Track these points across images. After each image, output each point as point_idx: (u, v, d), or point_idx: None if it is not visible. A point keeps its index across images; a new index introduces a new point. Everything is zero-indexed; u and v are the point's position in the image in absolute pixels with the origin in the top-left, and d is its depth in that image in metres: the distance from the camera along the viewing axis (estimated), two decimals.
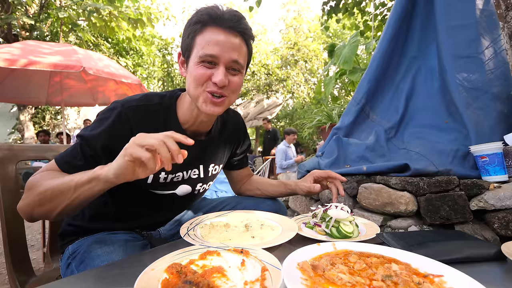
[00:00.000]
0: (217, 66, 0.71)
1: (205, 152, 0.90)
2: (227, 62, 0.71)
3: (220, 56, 0.70)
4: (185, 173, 0.86)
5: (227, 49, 0.70)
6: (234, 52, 0.72)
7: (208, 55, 0.69)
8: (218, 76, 0.70)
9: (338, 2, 4.52)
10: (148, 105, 0.77)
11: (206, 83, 0.72)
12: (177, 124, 0.81)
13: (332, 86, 2.99)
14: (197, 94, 0.73)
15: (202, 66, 0.71)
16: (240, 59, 0.73)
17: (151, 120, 0.76)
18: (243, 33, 0.73)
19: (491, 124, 1.31)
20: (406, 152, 1.43)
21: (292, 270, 0.44)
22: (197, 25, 0.71)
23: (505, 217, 0.95)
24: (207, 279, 0.42)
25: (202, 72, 0.71)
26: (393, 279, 0.42)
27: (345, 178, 0.98)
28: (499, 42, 1.45)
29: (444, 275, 0.44)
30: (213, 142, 0.92)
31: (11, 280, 0.88)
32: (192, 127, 0.84)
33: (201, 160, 0.90)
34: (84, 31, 7.20)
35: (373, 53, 1.87)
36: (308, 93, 12.14)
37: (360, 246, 0.57)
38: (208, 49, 0.69)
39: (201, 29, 0.71)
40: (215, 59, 0.70)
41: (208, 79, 0.71)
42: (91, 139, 0.70)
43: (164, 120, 0.79)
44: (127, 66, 9.04)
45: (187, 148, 0.75)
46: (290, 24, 14.11)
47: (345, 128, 1.80)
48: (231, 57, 0.71)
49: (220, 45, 0.70)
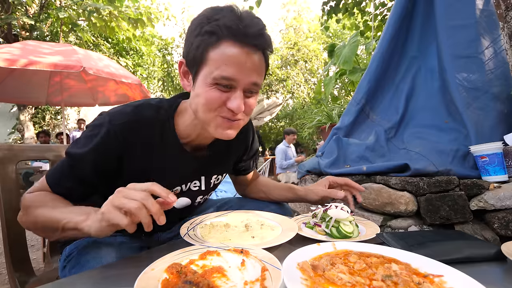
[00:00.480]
0: (234, 90, 0.62)
1: (207, 165, 0.83)
2: (246, 86, 0.62)
3: (239, 80, 0.60)
4: (183, 186, 0.80)
5: (248, 71, 0.60)
6: (254, 74, 0.62)
7: (225, 77, 0.59)
8: (235, 102, 0.61)
9: (338, 2, 4.52)
10: (140, 120, 0.68)
11: (220, 108, 0.63)
12: (175, 139, 0.73)
13: (332, 86, 2.99)
14: (208, 119, 0.64)
15: (216, 88, 0.61)
16: (259, 80, 0.64)
17: (144, 136, 0.69)
18: (265, 48, 0.63)
19: (491, 124, 1.31)
20: (406, 152, 1.43)
21: (292, 270, 0.44)
22: (211, 38, 0.59)
23: (505, 217, 0.95)
24: (207, 279, 0.42)
25: (216, 96, 0.61)
26: (393, 279, 0.42)
27: (363, 188, 0.95)
28: (499, 42, 1.45)
29: (444, 275, 0.44)
30: (216, 153, 0.84)
31: (11, 280, 0.88)
32: (193, 142, 0.77)
33: (203, 172, 0.83)
34: (84, 31, 7.19)
35: (373, 53, 1.87)
36: (308, 93, 12.13)
37: (360, 246, 0.57)
38: (225, 71, 0.59)
39: (216, 42, 0.59)
40: (233, 82, 0.60)
41: (223, 104, 0.62)
42: (78, 159, 0.65)
43: (160, 135, 0.71)
44: (127, 66, 9.04)
45: (186, 162, 0.76)
46: (290, 24, 14.10)
47: (345, 128, 1.80)
48: (251, 81, 0.62)
49: (240, 66, 0.59)
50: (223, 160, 0.88)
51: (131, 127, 0.67)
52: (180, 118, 0.74)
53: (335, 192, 0.91)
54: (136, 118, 0.68)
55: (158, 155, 0.71)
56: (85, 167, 0.66)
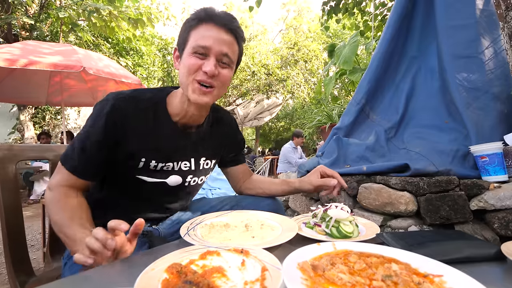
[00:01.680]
0: (208, 57, 0.76)
1: (196, 145, 0.93)
2: (217, 54, 0.76)
3: (211, 48, 0.75)
4: (175, 164, 0.88)
5: (219, 43, 0.76)
6: (225, 46, 0.77)
7: (200, 46, 0.74)
8: (208, 66, 0.75)
9: (338, 2, 4.51)
10: (139, 97, 0.82)
11: (196, 72, 0.76)
12: (166, 117, 0.85)
13: (332, 86, 2.99)
14: (187, 82, 0.77)
15: (194, 56, 0.75)
16: (230, 53, 0.78)
17: (141, 112, 0.81)
18: (235, 31, 0.79)
19: (491, 124, 1.31)
20: (406, 152, 1.43)
21: (292, 270, 0.44)
22: (193, 21, 0.77)
23: (505, 217, 0.95)
24: (207, 279, 0.42)
25: (193, 61, 0.75)
26: (393, 279, 0.42)
27: (347, 185, 0.99)
28: (499, 42, 1.45)
29: (444, 275, 0.44)
30: (204, 137, 0.95)
31: (11, 280, 0.88)
32: (183, 120, 0.87)
33: (192, 153, 0.92)
34: (84, 31, 7.19)
35: (373, 53, 1.87)
36: (308, 93, 12.13)
37: (360, 246, 0.57)
38: (201, 41, 0.75)
39: (197, 24, 0.77)
40: (207, 50, 0.75)
41: (199, 68, 0.76)
42: (92, 134, 0.76)
43: (154, 112, 0.83)
44: (127, 66, 9.03)
45: (177, 137, 0.87)
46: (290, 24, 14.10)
47: (345, 128, 1.80)
48: (222, 50, 0.76)
49: (213, 38, 0.75)
50: (210, 144, 0.98)
51: (133, 101, 0.80)
52: (171, 100, 0.87)
53: (328, 181, 0.96)
54: (134, 94, 0.82)
55: (152, 129, 0.83)
56: (95, 136, 0.76)
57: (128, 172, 0.83)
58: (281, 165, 5.08)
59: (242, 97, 12.19)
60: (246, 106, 10.09)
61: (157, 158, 0.83)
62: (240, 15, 12.46)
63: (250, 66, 11.38)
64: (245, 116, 9.64)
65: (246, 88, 11.72)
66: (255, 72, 11.34)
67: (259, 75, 11.38)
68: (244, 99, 11.68)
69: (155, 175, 0.85)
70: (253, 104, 9.92)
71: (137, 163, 0.81)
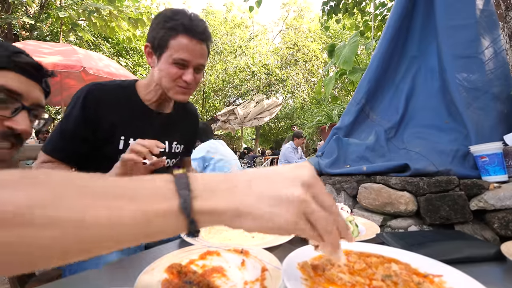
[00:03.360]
0: (187, 68, 0.90)
1: (169, 128, 1.06)
2: (195, 66, 0.91)
3: (191, 61, 0.89)
4: None
5: (196, 56, 0.89)
6: (200, 58, 0.91)
7: (181, 59, 0.87)
8: (188, 76, 0.90)
9: (338, 2, 4.51)
10: (108, 83, 0.96)
11: (177, 79, 0.90)
12: (138, 99, 0.99)
13: (332, 86, 2.98)
14: (169, 87, 0.92)
15: (175, 66, 0.89)
16: (204, 62, 0.94)
17: (115, 96, 0.94)
18: (206, 40, 0.92)
19: (491, 124, 1.31)
20: (406, 152, 1.43)
21: (292, 270, 0.44)
22: (172, 31, 0.87)
23: (505, 217, 0.95)
24: (207, 279, 0.42)
25: (175, 71, 0.89)
26: (393, 279, 0.42)
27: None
28: (499, 42, 1.45)
29: (443, 275, 0.44)
30: (175, 121, 1.08)
31: (11, 280, 0.88)
32: (154, 104, 1.01)
33: (166, 135, 1.05)
34: (84, 31, 7.19)
35: (373, 53, 1.87)
36: (308, 93, 12.13)
37: (360, 246, 0.57)
38: (181, 54, 0.87)
39: (175, 35, 0.87)
40: (186, 62, 0.89)
41: (179, 77, 0.90)
42: (71, 118, 0.88)
43: (125, 95, 0.97)
44: (127, 66, 9.03)
45: (150, 117, 1.00)
46: (290, 24, 14.11)
47: (345, 128, 1.80)
48: (199, 62, 0.91)
49: (191, 52, 0.88)
50: (180, 130, 1.11)
51: (106, 87, 0.94)
52: (140, 85, 1.00)
53: None
54: (106, 82, 0.96)
55: (126, 108, 0.95)
56: (73, 123, 0.87)
57: (110, 155, 0.90)
58: (281, 165, 5.08)
59: (242, 97, 12.20)
60: (246, 106, 10.08)
61: (134, 136, 0.94)
62: (240, 15, 12.45)
63: (250, 66, 11.38)
64: (245, 116, 9.63)
65: (246, 88, 11.72)
66: (255, 72, 11.34)
67: (259, 75, 11.38)
68: (244, 99, 11.69)
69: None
70: (253, 104, 9.91)
71: (117, 143, 0.92)
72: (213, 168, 2.50)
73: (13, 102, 0.59)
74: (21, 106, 0.60)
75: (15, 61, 0.60)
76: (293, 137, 5.19)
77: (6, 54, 0.59)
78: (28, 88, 0.62)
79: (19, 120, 0.59)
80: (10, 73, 0.59)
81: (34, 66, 0.64)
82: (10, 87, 0.58)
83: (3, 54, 0.59)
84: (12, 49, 0.61)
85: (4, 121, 0.58)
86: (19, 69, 0.60)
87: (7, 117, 0.58)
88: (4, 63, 0.58)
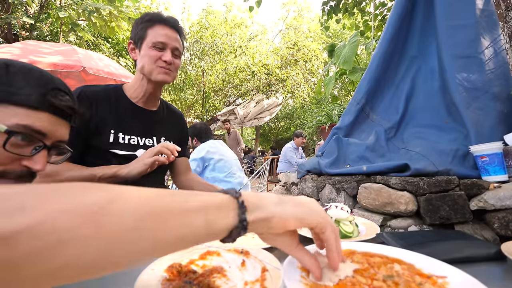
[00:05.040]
0: (165, 50, 1.00)
1: (156, 125, 1.13)
2: (171, 48, 1.01)
3: (167, 43, 1.00)
4: (139, 139, 1.07)
5: (172, 40, 1.01)
6: (176, 42, 1.03)
7: (159, 41, 0.99)
8: (167, 56, 1.00)
9: (338, 2, 4.51)
10: (101, 87, 1.05)
11: (158, 61, 1.00)
12: (126, 98, 1.07)
13: (332, 86, 2.98)
14: (152, 69, 1.00)
15: (154, 49, 0.99)
16: (179, 47, 1.04)
17: (106, 97, 1.03)
18: (179, 30, 1.06)
19: (491, 124, 1.31)
20: (406, 152, 1.43)
21: (292, 270, 0.44)
22: (148, 22, 1.01)
23: (505, 217, 0.95)
24: (207, 279, 0.42)
25: (155, 53, 0.99)
26: (394, 279, 0.42)
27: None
28: (499, 42, 1.45)
29: (448, 276, 0.43)
30: (161, 119, 1.16)
31: None
32: (141, 100, 1.09)
33: (153, 131, 1.12)
34: (84, 31, 7.18)
35: (373, 53, 1.87)
36: (308, 93, 12.13)
37: (364, 246, 0.56)
38: (158, 38, 0.99)
39: (152, 25, 1.00)
40: (164, 45, 1.00)
41: (159, 58, 1.00)
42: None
43: (115, 95, 1.05)
44: (127, 66, 9.03)
45: (139, 114, 1.08)
46: (290, 24, 14.11)
47: (345, 128, 1.80)
48: (174, 45, 1.02)
49: (167, 36, 1.00)
50: (167, 127, 1.18)
51: (97, 90, 1.03)
52: (127, 87, 1.10)
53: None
54: (95, 87, 1.04)
55: (116, 106, 1.03)
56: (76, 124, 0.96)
57: (101, 147, 0.97)
58: (281, 165, 5.08)
59: (242, 97, 12.19)
60: (246, 106, 10.08)
61: (124, 130, 1.02)
62: (240, 15, 12.45)
63: (250, 66, 11.38)
64: (245, 116, 9.63)
65: (246, 88, 11.72)
66: (255, 72, 11.34)
67: (259, 75, 11.38)
68: (244, 99, 11.69)
69: (125, 148, 1.01)
70: (253, 104, 9.92)
71: (107, 137, 0.99)
72: (213, 168, 2.50)
73: (35, 141, 0.55)
74: (43, 145, 0.56)
75: (50, 102, 0.55)
76: (293, 137, 5.19)
77: (42, 92, 0.54)
78: (55, 128, 0.58)
79: (37, 160, 0.55)
80: (40, 113, 0.54)
81: (69, 107, 0.59)
82: (36, 128, 0.54)
83: (40, 93, 0.54)
84: (50, 86, 0.56)
85: (22, 160, 0.55)
86: (52, 109, 0.56)
87: (26, 156, 0.54)
88: (37, 103, 0.54)
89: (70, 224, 0.23)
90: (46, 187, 0.25)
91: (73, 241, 0.23)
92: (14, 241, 0.20)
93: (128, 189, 0.28)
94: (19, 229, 0.21)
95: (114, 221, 0.25)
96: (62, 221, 0.23)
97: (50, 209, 0.23)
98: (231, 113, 9.60)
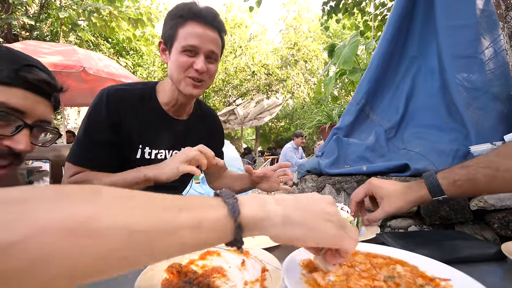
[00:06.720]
0: (198, 56, 0.84)
1: (186, 135, 1.02)
2: (206, 52, 0.84)
3: (200, 47, 0.83)
4: (167, 152, 0.97)
5: (206, 41, 0.83)
6: (212, 44, 0.85)
7: (190, 45, 0.82)
8: (199, 64, 0.83)
9: (338, 2, 4.51)
10: (131, 89, 0.91)
11: (188, 69, 0.84)
12: (157, 105, 0.94)
13: (332, 86, 2.98)
14: (180, 78, 0.85)
15: (184, 54, 0.83)
16: (216, 49, 0.86)
17: (135, 101, 0.90)
18: (218, 27, 0.86)
19: (491, 124, 1.31)
20: (406, 152, 1.43)
21: (293, 270, 0.44)
22: (179, 19, 0.83)
23: (505, 217, 0.95)
24: (207, 279, 0.42)
25: (185, 60, 0.83)
26: (395, 280, 0.42)
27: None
28: (499, 42, 1.45)
29: (451, 279, 0.43)
30: (193, 126, 1.04)
31: None
32: (173, 109, 0.96)
33: (184, 143, 1.00)
34: (84, 31, 7.19)
35: (373, 53, 1.87)
36: (308, 93, 12.13)
37: (367, 247, 0.56)
38: (190, 40, 0.82)
39: (183, 22, 0.83)
40: (196, 49, 0.83)
41: (190, 66, 0.84)
42: (97, 125, 0.85)
43: (146, 101, 0.92)
44: (127, 66, 9.04)
45: (168, 125, 0.96)
46: (290, 24, 14.11)
47: (345, 128, 1.80)
48: (209, 48, 0.84)
49: (200, 37, 0.82)
50: (197, 136, 1.05)
51: (126, 91, 0.89)
52: (161, 89, 0.96)
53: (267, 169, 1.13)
54: (126, 87, 0.91)
55: (145, 116, 0.91)
56: (99, 130, 0.84)
57: (129, 158, 0.90)
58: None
59: (242, 97, 12.19)
60: (246, 106, 10.08)
61: (151, 144, 0.92)
62: (240, 15, 12.45)
63: (250, 66, 11.38)
64: (245, 116, 9.63)
65: (246, 88, 11.72)
66: (255, 72, 11.34)
67: (259, 75, 11.38)
68: (244, 99, 11.68)
69: (150, 164, 0.92)
70: (253, 104, 9.91)
71: (135, 152, 0.90)
72: None
73: (15, 120, 0.54)
74: (23, 124, 0.55)
75: (24, 77, 0.54)
76: (292, 137, 5.19)
77: (15, 68, 0.53)
78: (33, 105, 0.56)
79: (19, 139, 0.55)
80: (15, 90, 0.53)
81: (44, 81, 0.57)
82: (12, 105, 0.53)
83: (11, 69, 0.53)
84: (23, 62, 0.55)
85: (3, 140, 0.54)
86: (26, 85, 0.55)
87: (7, 136, 0.54)
88: (9, 79, 0.52)
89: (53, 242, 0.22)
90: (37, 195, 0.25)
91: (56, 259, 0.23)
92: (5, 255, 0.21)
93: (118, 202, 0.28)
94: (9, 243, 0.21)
95: (99, 241, 0.24)
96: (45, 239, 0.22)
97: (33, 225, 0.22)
98: (231, 113, 9.60)
